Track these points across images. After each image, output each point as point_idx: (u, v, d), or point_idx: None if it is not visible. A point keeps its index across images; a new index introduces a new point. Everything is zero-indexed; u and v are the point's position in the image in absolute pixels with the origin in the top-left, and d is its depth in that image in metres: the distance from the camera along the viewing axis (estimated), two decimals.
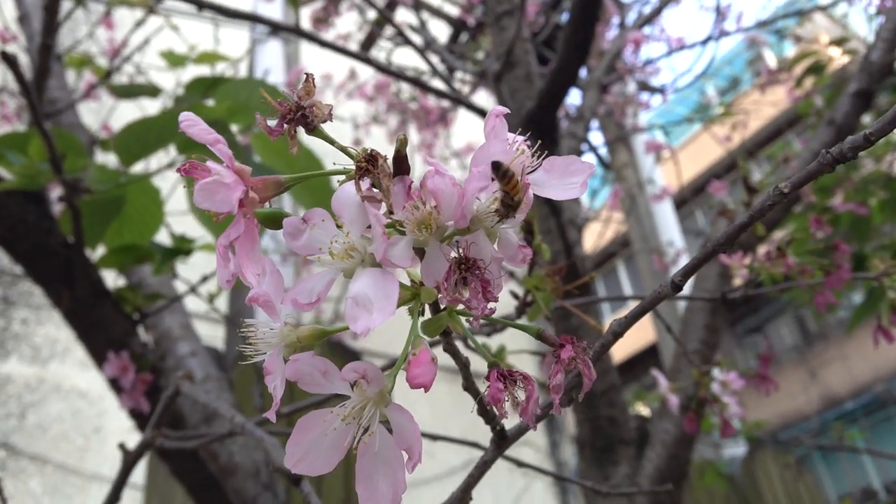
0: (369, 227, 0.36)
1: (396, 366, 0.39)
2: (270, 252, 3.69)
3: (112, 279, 1.77)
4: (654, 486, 1.23)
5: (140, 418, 1.59)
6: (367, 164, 0.36)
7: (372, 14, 4.05)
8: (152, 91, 1.88)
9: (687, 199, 8.63)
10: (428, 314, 0.43)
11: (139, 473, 3.49)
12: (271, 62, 4.55)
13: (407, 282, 0.42)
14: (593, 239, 5.30)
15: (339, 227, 0.38)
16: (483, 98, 5.08)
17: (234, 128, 1.55)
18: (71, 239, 1.49)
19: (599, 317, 2.07)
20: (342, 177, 0.39)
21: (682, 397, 1.74)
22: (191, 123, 0.36)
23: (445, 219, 0.37)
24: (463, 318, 0.44)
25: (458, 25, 4.85)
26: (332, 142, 0.38)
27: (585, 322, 2.02)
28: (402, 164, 0.37)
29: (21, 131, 1.38)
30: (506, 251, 0.41)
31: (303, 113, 0.37)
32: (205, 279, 1.66)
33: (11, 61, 1.07)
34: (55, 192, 1.69)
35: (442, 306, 0.42)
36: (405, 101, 4.39)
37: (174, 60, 2.20)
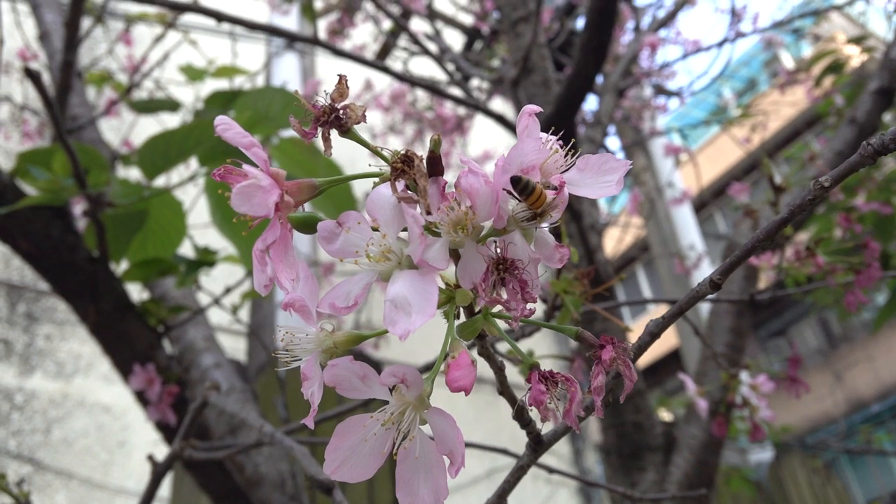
0: (405, 228, 0.36)
1: (434, 369, 0.38)
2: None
3: (136, 292, 1.78)
4: (685, 492, 1.21)
5: (166, 430, 1.59)
6: (403, 164, 0.35)
7: (387, 24, 4.07)
8: (172, 106, 1.89)
9: (706, 203, 8.57)
10: (462, 317, 0.42)
11: (164, 486, 3.51)
12: (288, 75, 4.58)
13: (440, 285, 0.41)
14: (613, 244, 5.28)
15: (374, 229, 0.37)
16: (499, 105, 5.07)
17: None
18: (95, 253, 1.50)
19: (624, 321, 2.05)
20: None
21: (710, 401, 1.72)
22: (226, 127, 0.36)
23: (481, 219, 0.37)
24: (499, 321, 0.43)
25: (472, 34, 4.85)
26: (365, 144, 0.38)
27: (610, 326, 2.01)
28: (436, 165, 0.36)
29: (45, 147, 1.40)
30: (543, 251, 0.40)
31: (337, 115, 0.37)
32: (228, 290, 1.67)
33: (35, 77, 1.08)
34: (79, 207, 1.70)
35: (476, 309, 0.42)
36: (421, 110, 4.40)
37: (193, 75, 2.22)
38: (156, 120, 2.37)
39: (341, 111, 0.37)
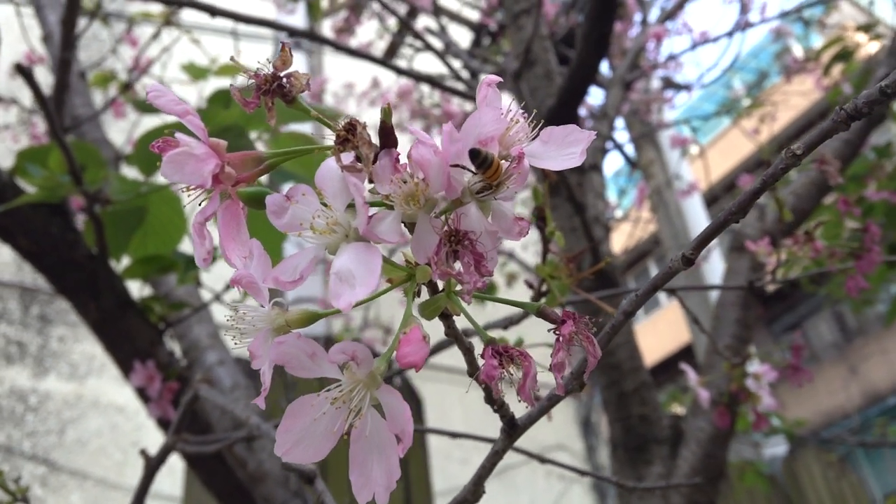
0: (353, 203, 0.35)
1: (390, 347, 0.37)
2: None
3: (137, 289, 1.78)
4: (681, 482, 1.20)
5: (168, 427, 1.59)
6: (347, 133, 0.34)
7: (393, 22, 4.06)
8: None
9: (718, 197, 8.51)
10: (427, 296, 0.41)
11: (176, 484, 3.52)
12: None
13: (410, 263, 0.40)
14: (624, 239, 5.24)
15: (324, 204, 0.36)
16: (506, 100, 5.05)
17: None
18: (95, 251, 1.50)
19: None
20: None
21: (716, 392, 1.70)
22: (158, 94, 0.35)
23: (434, 191, 0.35)
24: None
25: (479, 30, 4.84)
26: (308, 112, 0.37)
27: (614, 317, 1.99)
28: (388, 137, 0.35)
29: (43, 145, 1.40)
30: (500, 223, 0.39)
31: (279, 83, 0.36)
32: (228, 287, 1.66)
33: (26, 74, 1.08)
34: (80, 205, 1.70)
35: (440, 287, 0.41)
36: (428, 107, 4.39)
37: (196, 73, 2.22)
38: (160, 119, 2.37)
39: (284, 79, 0.36)
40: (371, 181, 0.35)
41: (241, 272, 0.37)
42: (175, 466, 1.86)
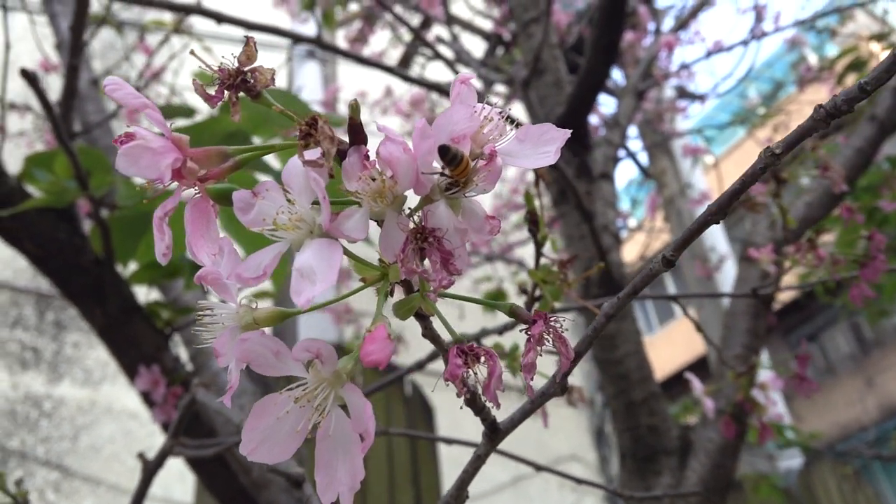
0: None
1: (358, 346, 0.37)
2: None
3: (143, 294, 1.78)
4: (683, 491, 1.18)
5: None
6: (309, 128, 0.34)
7: (405, 31, 4.08)
8: (187, 112, 1.90)
9: (734, 207, 8.45)
10: (401, 296, 0.41)
11: (188, 491, 3.52)
12: (308, 82, 4.61)
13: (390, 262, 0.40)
14: (638, 248, 5.22)
15: (290, 201, 0.36)
16: (518, 110, 5.06)
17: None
18: (102, 255, 1.50)
19: (636, 324, 2.02)
20: None
21: (725, 403, 1.68)
22: (115, 87, 0.35)
23: (402, 188, 0.35)
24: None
25: (493, 40, 4.85)
26: (270, 106, 0.37)
27: (624, 327, 1.98)
28: (356, 133, 0.35)
29: (50, 150, 1.41)
30: (471, 222, 0.38)
31: (243, 78, 0.36)
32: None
33: (32, 80, 1.09)
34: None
35: (416, 288, 0.40)
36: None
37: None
38: (173, 127, 2.38)
39: (248, 74, 0.36)
40: (332, 176, 0.35)
41: (207, 269, 0.37)
42: (186, 472, 1.86)
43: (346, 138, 0.38)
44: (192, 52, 0.38)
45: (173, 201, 0.35)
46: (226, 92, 0.36)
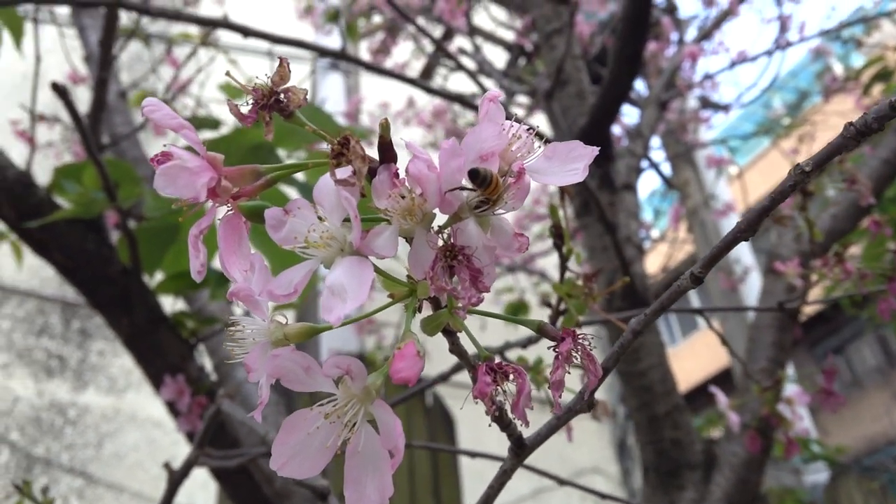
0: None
1: (385, 362, 0.37)
2: None
3: (169, 304, 1.80)
4: None
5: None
6: (341, 147, 0.34)
7: (428, 43, 4.10)
8: (213, 123, 1.93)
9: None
10: (430, 311, 0.41)
11: (210, 499, 3.54)
12: (332, 93, 4.64)
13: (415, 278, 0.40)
14: (661, 260, 5.18)
15: (321, 219, 0.36)
16: (540, 121, 5.07)
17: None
18: (129, 266, 1.52)
19: (660, 336, 2.01)
20: None
21: (750, 417, 1.67)
22: (153, 109, 0.35)
23: (431, 206, 0.35)
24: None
25: (516, 50, 4.86)
26: (303, 125, 0.37)
27: (647, 341, 1.97)
28: (386, 151, 0.35)
29: (79, 162, 1.43)
30: (500, 239, 0.38)
31: (277, 98, 0.36)
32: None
33: (62, 92, 1.11)
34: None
35: (444, 304, 0.41)
36: (463, 126, 4.40)
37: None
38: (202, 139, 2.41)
39: (282, 94, 0.36)
40: (363, 195, 0.35)
41: (240, 285, 0.37)
42: (209, 480, 1.87)
43: (375, 155, 0.38)
44: (227, 74, 0.38)
45: (208, 220, 0.36)
46: (259, 111, 0.36)
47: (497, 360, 0.37)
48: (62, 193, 1.38)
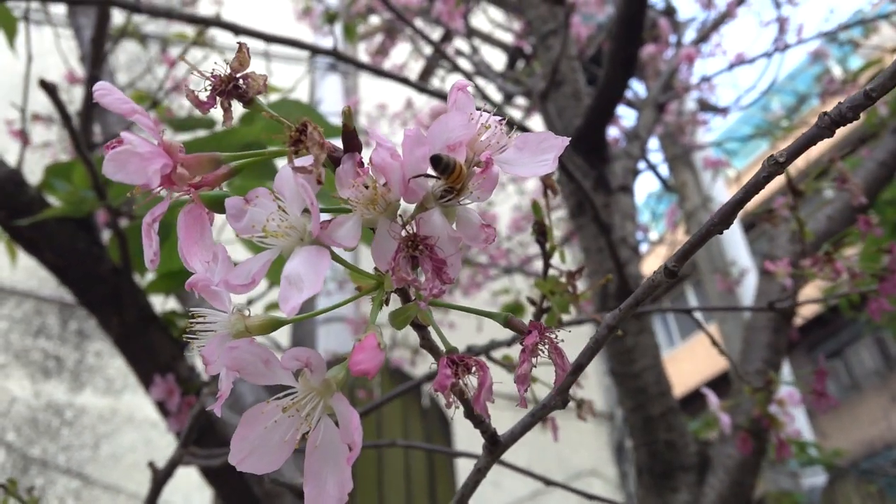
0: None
1: (348, 355, 0.36)
2: (327, 279, 3.71)
3: (160, 303, 1.79)
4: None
5: None
6: (299, 134, 0.34)
7: (426, 45, 4.10)
8: (208, 123, 1.92)
9: (756, 220, 8.37)
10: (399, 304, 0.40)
11: (206, 500, 3.52)
12: (330, 95, 4.64)
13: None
14: (660, 263, 5.17)
15: (282, 209, 0.36)
16: (537, 122, 5.06)
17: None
18: (120, 265, 1.51)
19: (654, 338, 2.00)
20: None
21: (744, 418, 1.66)
22: (104, 93, 0.35)
23: (395, 196, 0.35)
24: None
25: (514, 52, 4.86)
26: (261, 111, 0.37)
27: (642, 341, 1.96)
28: (350, 140, 0.35)
29: (69, 161, 1.42)
30: (465, 230, 0.38)
31: (235, 84, 0.35)
32: (250, 302, 1.67)
33: (50, 90, 1.10)
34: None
35: (412, 297, 0.40)
36: None
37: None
38: (192, 135, 2.41)
39: (241, 80, 0.36)
40: (320, 182, 0.34)
41: (198, 276, 0.36)
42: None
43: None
44: (180, 58, 0.37)
45: (161, 208, 0.35)
46: (217, 98, 0.35)
47: (461, 354, 0.36)
48: (53, 192, 1.37)
